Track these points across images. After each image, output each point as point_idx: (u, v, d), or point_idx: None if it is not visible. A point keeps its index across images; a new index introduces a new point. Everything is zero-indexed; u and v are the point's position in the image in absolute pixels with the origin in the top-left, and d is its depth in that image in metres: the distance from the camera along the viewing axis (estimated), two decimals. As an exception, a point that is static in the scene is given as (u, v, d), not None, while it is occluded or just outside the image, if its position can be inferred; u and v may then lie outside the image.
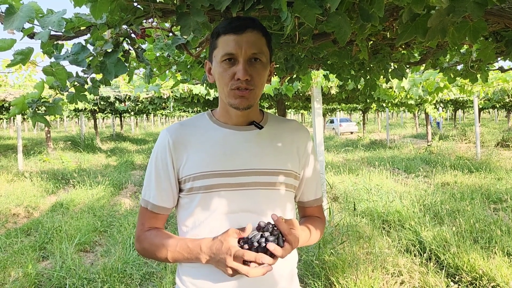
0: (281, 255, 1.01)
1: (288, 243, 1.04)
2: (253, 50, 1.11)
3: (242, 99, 1.13)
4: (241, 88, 1.11)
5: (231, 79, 1.12)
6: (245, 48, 1.10)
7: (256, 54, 1.12)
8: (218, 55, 1.14)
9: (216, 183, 1.14)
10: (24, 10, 1.11)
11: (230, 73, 1.12)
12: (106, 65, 1.23)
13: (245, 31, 1.11)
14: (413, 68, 2.81)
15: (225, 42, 1.12)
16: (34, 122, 1.37)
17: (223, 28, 1.13)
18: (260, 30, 1.14)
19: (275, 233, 1.03)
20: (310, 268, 3.80)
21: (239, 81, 1.10)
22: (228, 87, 1.13)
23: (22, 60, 1.16)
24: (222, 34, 1.13)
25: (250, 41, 1.11)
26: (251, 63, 1.12)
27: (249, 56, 1.11)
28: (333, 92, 6.46)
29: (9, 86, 8.89)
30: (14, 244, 4.88)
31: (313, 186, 1.33)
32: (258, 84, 1.15)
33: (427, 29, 1.14)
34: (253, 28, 1.12)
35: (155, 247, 1.17)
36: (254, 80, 1.13)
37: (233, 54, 1.11)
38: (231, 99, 1.14)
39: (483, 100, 15.80)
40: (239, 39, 1.10)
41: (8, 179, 8.99)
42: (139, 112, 19.05)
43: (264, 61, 1.15)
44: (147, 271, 4.02)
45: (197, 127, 1.23)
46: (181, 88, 7.08)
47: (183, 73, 2.33)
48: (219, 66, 1.14)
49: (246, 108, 1.15)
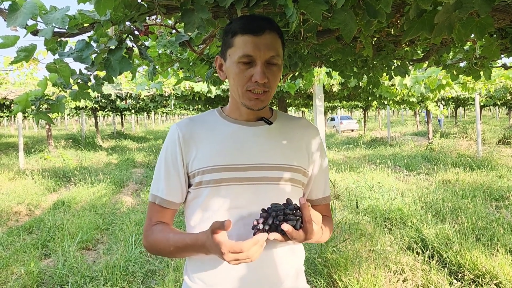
0: (291, 236, 1.00)
1: (304, 231, 1.02)
2: (271, 53, 1.11)
3: (257, 101, 1.14)
4: (257, 90, 1.12)
5: (248, 81, 1.12)
6: (263, 51, 1.09)
7: (273, 57, 1.12)
8: (234, 55, 1.12)
9: (225, 177, 1.14)
10: (27, 7, 1.10)
11: (247, 75, 1.11)
12: (111, 62, 1.22)
13: (263, 32, 1.10)
14: (416, 65, 2.80)
15: (243, 42, 1.10)
16: (37, 119, 1.36)
17: (240, 28, 1.11)
18: (277, 32, 1.14)
19: (297, 214, 1.02)
20: (312, 266, 3.80)
21: (257, 83, 1.10)
22: (244, 88, 1.13)
23: (25, 57, 1.16)
24: (239, 33, 1.11)
25: (268, 44, 1.10)
26: (268, 66, 1.12)
27: (267, 59, 1.11)
28: (335, 89, 6.45)
29: (10, 84, 8.89)
30: (16, 242, 4.88)
31: (321, 184, 1.33)
32: (273, 86, 1.15)
33: (434, 25, 1.13)
34: (270, 30, 1.11)
35: (159, 242, 1.17)
36: (270, 83, 1.13)
37: (251, 56, 1.10)
38: (245, 100, 1.14)
39: (485, 98, 15.79)
40: (257, 41, 1.09)
41: (9, 177, 8.99)
42: (140, 110, 19.09)
43: (280, 64, 1.15)
44: (149, 269, 4.02)
45: (207, 122, 1.24)
46: (182, 85, 7.07)
47: (186, 70, 2.32)
48: (236, 66, 1.12)
49: (260, 109, 1.17)
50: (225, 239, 0.99)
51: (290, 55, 2.04)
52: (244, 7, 1.22)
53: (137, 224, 5.43)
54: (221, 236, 0.99)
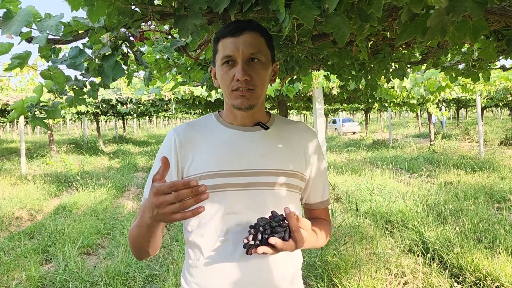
0: (281, 248, 0.99)
1: (293, 240, 1.02)
2: (250, 50, 1.12)
3: (243, 99, 1.14)
4: (241, 88, 1.13)
5: (232, 81, 1.13)
6: (242, 49, 1.11)
7: (254, 54, 1.13)
8: (218, 59, 1.16)
9: (222, 183, 1.15)
10: (22, 14, 1.11)
11: (230, 75, 1.13)
12: (104, 68, 1.23)
13: (242, 33, 1.12)
14: (414, 67, 2.80)
15: (224, 45, 1.14)
16: (33, 126, 1.36)
17: (221, 33, 1.15)
18: (258, 31, 1.15)
19: (283, 225, 1.01)
20: (313, 270, 3.79)
21: (239, 81, 1.12)
22: (230, 89, 1.15)
23: (19, 64, 1.16)
24: (221, 38, 1.15)
25: (247, 42, 1.12)
26: (249, 64, 1.13)
27: (246, 56, 1.12)
28: (335, 92, 6.45)
29: (11, 89, 8.92)
30: (17, 247, 4.89)
31: (319, 188, 1.32)
32: (259, 84, 1.15)
33: (427, 28, 1.13)
34: (250, 30, 1.13)
35: (130, 233, 1.16)
36: (254, 80, 1.13)
37: (231, 56, 1.12)
38: (232, 100, 1.15)
39: (486, 99, 15.75)
40: (236, 41, 1.12)
41: (11, 182, 9.01)
42: (141, 114, 19.10)
43: (264, 61, 1.16)
44: (149, 273, 4.02)
45: (204, 127, 1.25)
46: (182, 90, 7.09)
47: (183, 75, 2.32)
48: (220, 69, 1.16)
49: (248, 108, 1.16)
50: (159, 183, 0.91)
51: (287, 59, 2.04)
52: (238, 13, 1.22)
53: (138, 228, 5.43)
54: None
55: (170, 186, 0.88)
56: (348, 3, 1.13)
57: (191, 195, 0.88)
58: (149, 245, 1.14)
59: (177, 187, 0.88)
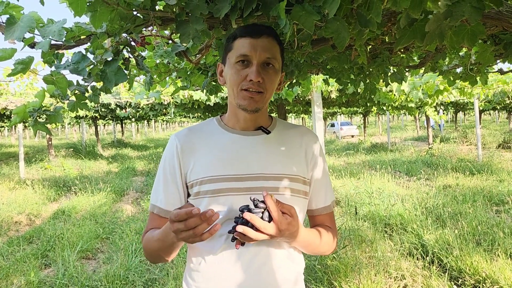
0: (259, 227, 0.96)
1: (274, 223, 0.99)
2: (267, 55, 1.14)
3: (251, 101, 1.14)
4: (251, 89, 1.13)
5: (243, 80, 1.14)
6: (259, 52, 1.13)
7: (269, 59, 1.14)
8: (232, 57, 1.16)
9: (223, 187, 1.15)
10: (24, 20, 1.12)
11: (243, 74, 1.14)
12: (107, 73, 1.24)
13: (261, 36, 1.14)
14: (412, 71, 2.82)
15: (241, 44, 1.15)
16: (35, 130, 1.37)
17: (240, 31, 1.16)
18: (275, 38, 1.18)
19: (260, 206, 0.99)
20: (312, 273, 3.79)
21: (251, 82, 1.12)
22: (239, 88, 1.15)
23: (22, 70, 1.17)
24: (239, 37, 1.16)
25: (265, 46, 1.14)
26: (264, 67, 1.15)
27: (263, 59, 1.14)
28: (333, 96, 6.47)
29: (10, 94, 8.93)
30: (16, 252, 4.88)
31: (322, 192, 1.30)
32: (269, 89, 1.17)
33: (425, 33, 1.14)
34: (268, 35, 1.15)
35: (149, 243, 1.18)
36: (266, 84, 1.15)
37: (247, 55, 1.13)
38: (240, 100, 1.16)
39: (484, 102, 15.79)
40: (254, 42, 1.13)
41: (10, 187, 8.99)
42: (140, 118, 19.10)
43: (277, 67, 1.18)
44: (149, 278, 4.01)
45: (205, 132, 1.26)
46: (181, 94, 7.10)
47: (183, 79, 2.34)
48: (233, 67, 1.16)
49: (254, 111, 1.16)
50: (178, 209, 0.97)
51: (286, 64, 2.05)
52: (238, 18, 1.24)
53: (137, 232, 5.43)
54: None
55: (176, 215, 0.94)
56: (347, 8, 1.14)
57: (200, 222, 0.94)
58: (169, 256, 1.18)
59: (180, 217, 0.94)
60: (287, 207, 1.05)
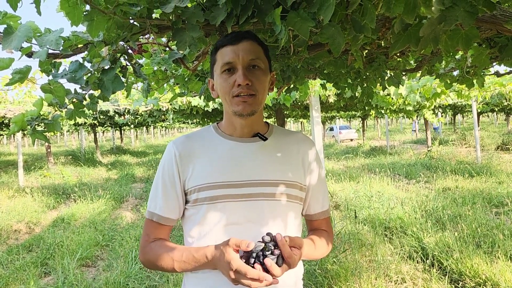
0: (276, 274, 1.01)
1: (286, 264, 1.04)
2: (250, 56, 1.15)
3: (245, 105, 1.15)
4: (242, 94, 1.14)
5: (232, 87, 1.15)
6: (242, 55, 1.14)
7: (254, 60, 1.15)
8: (218, 68, 1.18)
9: (221, 194, 1.16)
10: (22, 30, 1.13)
11: (230, 82, 1.15)
12: (104, 82, 1.25)
13: (241, 41, 1.15)
14: (409, 74, 2.83)
15: (223, 53, 1.16)
16: (33, 139, 1.38)
17: (220, 42, 1.18)
18: (256, 40, 1.19)
19: (276, 253, 1.03)
20: (313, 278, 3.78)
21: (240, 86, 1.13)
22: (230, 95, 1.16)
23: (20, 79, 1.18)
24: (219, 48, 1.18)
25: (247, 49, 1.15)
26: (249, 70, 1.16)
27: (247, 62, 1.15)
28: (331, 100, 6.48)
29: (8, 102, 8.93)
30: (15, 260, 4.86)
31: (319, 198, 1.32)
32: (260, 90, 1.17)
33: (420, 38, 1.15)
34: (248, 38, 1.17)
35: (160, 258, 1.18)
36: (255, 86, 1.15)
37: (231, 62, 1.15)
38: (234, 106, 1.16)
39: (482, 104, 15.84)
40: (235, 48, 1.15)
41: (9, 195, 8.97)
42: (139, 124, 19.12)
43: (263, 68, 1.18)
44: (149, 285, 4.00)
45: (202, 139, 1.26)
46: (180, 100, 7.11)
47: (181, 86, 2.34)
48: (220, 77, 1.17)
49: (250, 114, 1.17)
50: (237, 257, 1.02)
51: (283, 69, 2.06)
52: (234, 25, 1.25)
53: (137, 239, 5.42)
54: (235, 253, 1.03)
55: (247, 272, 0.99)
56: (342, 14, 1.15)
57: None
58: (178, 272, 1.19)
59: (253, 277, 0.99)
60: (297, 242, 1.09)
